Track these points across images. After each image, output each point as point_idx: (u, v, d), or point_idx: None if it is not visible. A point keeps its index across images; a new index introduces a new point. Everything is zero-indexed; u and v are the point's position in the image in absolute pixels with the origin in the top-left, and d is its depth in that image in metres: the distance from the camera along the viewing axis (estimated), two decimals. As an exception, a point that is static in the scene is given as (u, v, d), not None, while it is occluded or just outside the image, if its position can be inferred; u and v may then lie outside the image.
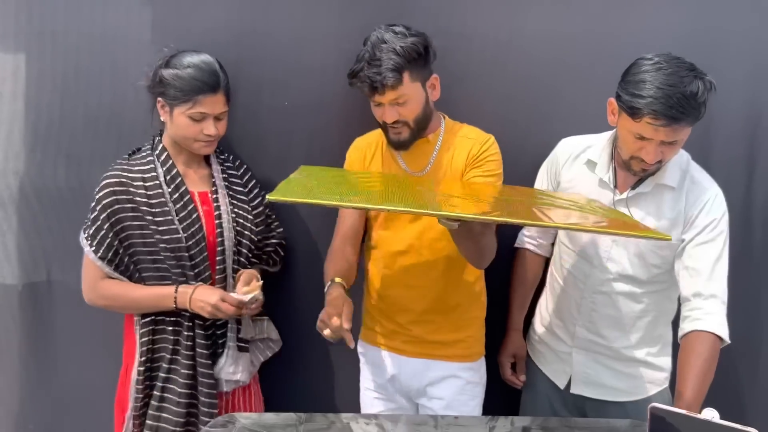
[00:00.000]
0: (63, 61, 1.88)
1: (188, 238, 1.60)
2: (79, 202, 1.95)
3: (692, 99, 1.36)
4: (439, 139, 1.66)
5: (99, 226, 1.59)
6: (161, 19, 1.85)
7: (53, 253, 1.99)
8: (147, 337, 1.64)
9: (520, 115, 1.87)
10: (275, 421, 1.45)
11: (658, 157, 1.45)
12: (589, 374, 1.65)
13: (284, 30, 1.85)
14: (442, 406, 1.66)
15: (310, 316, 1.92)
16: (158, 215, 1.59)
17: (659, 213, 1.54)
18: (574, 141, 1.71)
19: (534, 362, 1.78)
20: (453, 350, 1.68)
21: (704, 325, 1.43)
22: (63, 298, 2.00)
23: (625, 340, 1.62)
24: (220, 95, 1.59)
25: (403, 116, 1.56)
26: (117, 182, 1.60)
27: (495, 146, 1.65)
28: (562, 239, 1.70)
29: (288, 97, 1.87)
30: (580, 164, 1.66)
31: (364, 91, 1.54)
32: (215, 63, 1.61)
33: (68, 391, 2.04)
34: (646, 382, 1.64)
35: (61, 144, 1.93)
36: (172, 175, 1.63)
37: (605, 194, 1.60)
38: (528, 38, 1.83)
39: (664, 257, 1.55)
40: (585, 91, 1.83)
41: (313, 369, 2.01)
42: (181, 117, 1.59)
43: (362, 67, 1.52)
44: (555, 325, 1.71)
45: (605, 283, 1.60)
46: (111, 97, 1.89)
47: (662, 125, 1.38)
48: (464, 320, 1.69)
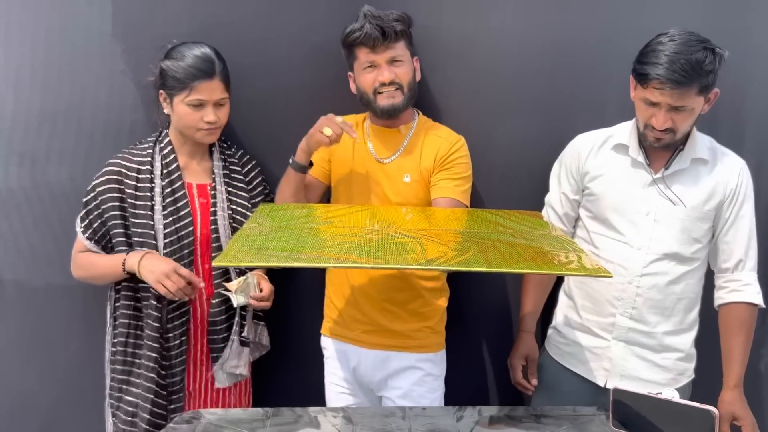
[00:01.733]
0: (18, 54, 1.82)
1: (170, 233, 1.62)
2: (33, 202, 1.89)
3: (697, 65, 1.44)
4: (410, 131, 1.69)
5: (89, 210, 1.64)
6: (122, 10, 1.81)
7: (5, 255, 1.92)
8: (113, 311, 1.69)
9: (485, 111, 1.89)
10: (241, 416, 1.42)
11: (667, 123, 1.51)
12: (627, 367, 1.66)
13: (249, 22, 1.83)
14: (400, 395, 1.66)
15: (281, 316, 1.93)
16: (139, 208, 1.62)
17: (698, 187, 1.61)
18: (591, 134, 1.72)
19: (561, 365, 1.75)
20: (411, 341, 1.68)
21: (746, 297, 1.61)
22: (14, 298, 1.93)
23: (667, 325, 1.63)
24: (217, 81, 1.61)
25: (398, 77, 1.60)
26: (114, 171, 1.64)
27: (464, 148, 1.67)
28: (592, 228, 1.69)
29: (254, 89, 1.85)
30: (606, 151, 1.67)
31: (370, 43, 1.57)
32: (212, 51, 1.63)
33: (23, 398, 1.97)
34: (678, 374, 1.67)
35: (14, 141, 1.87)
36: (170, 169, 1.66)
37: (640, 174, 1.63)
38: (492, 33, 1.86)
39: (704, 230, 1.62)
40: (550, 87, 1.86)
41: (282, 365, 1.98)
42: (181, 105, 1.61)
43: (364, 24, 1.56)
44: (588, 321, 1.69)
45: (650, 265, 1.61)
46: (68, 92, 1.84)
47: (668, 89, 1.46)
48: (424, 310, 1.69)
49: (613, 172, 1.65)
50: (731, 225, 1.61)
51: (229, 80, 1.67)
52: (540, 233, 1.45)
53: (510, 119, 1.89)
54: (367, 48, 1.59)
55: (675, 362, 1.66)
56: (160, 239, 1.62)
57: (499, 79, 1.87)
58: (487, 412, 1.48)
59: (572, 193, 1.72)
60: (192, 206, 1.66)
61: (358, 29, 1.57)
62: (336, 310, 1.74)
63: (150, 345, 1.62)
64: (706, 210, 1.60)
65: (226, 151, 1.76)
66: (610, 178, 1.65)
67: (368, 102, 1.65)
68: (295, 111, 1.86)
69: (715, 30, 1.74)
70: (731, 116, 1.88)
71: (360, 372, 1.72)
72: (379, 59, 1.59)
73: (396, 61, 1.60)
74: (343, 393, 1.75)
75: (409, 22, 1.63)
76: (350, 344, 1.72)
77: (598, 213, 1.67)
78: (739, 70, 1.84)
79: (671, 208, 1.60)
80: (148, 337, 1.62)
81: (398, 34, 1.59)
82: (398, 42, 1.60)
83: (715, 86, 1.52)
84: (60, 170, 1.87)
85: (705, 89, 1.48)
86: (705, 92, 1.49)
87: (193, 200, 1.68)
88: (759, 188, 1.89)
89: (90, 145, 1.86)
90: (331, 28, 1.74)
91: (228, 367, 1.69)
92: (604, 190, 1.65)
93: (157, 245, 1.62)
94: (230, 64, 1.67)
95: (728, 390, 1.61)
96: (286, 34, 1.84)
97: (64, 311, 1.93)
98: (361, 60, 1.61)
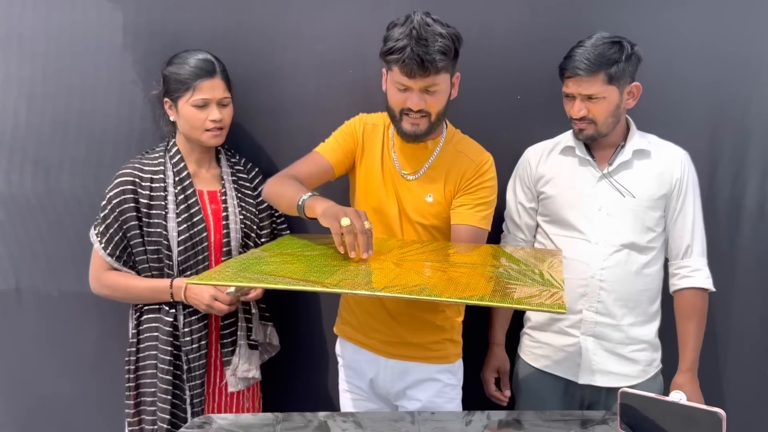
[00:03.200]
0: (30, 64, 1.85)
1: (184, 240, 1.64)
2: (47, 208, 1.93)
3: (600, 55, 1.57)
4: (438, 147, 1.63)
5: (109, 224, 1.64)
6: (133, 21, 1.84)
7: (21, 261, 1.95)
8: (136, 322, 1.69)
9: (488, 113, 1.90)
10: (252, 421, 1.43)
11: (582, 112, 1.62)
12: (597, 361, 1.69)
13: (257, 31, 1.86)
14: (419, 408, 1.65)
15: (294, 318, 1.96)
16: (153, 217, 1.64)
17: (644, 177, 1.68)
18: (540, 144, 1.81)
19: (538, 369, 1.77)
20: (431, 352, 1.67)
21: (695, 282, 1.69)
22: (32, 305, 1.96)
23: (631, 317, 1.68)
24: (218, 79, 1.64)
25: (429, 106, 1.50)
26: (128, 181, 1.64)
27: (491, 170, 1.62)
28: (551, 231, 1.74)
29: (261, 98, 1.88)
30: (555, 155, 1.76)
31: (409, 70, 1.43)
32: (211, 55, 1.67)
33: (40, 399, 2.01)
34: (646, 365, 1.72)
35: (28, 150, 1.90)
36: (181, 176, 1.68)
37: (588, 171, 1.71)
38: (495, 34, 1.87)
39: (656, 218, 1.68)
40: (553, 90, 1.87)
41: (303, 371, 2.00)
42: (186, 107, 1.63)
43: (409, 44, 1.41)
44: (559, 321, 1.74)
45: (609, 257, 1.67)
46: (80, 101, 1.87)
47: (575, 78, 1.60)
48: (444, 324, 1.68)
49: (564, 173, 1.73)
50: (678, 213, 1.69)
51: (230, 82, 1.69)
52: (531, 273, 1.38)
53: (514, 122, 1.90)
54: (403, 71, 1.46)
55: (643, 354, 1.71)
56: (174, 247, 1.64)
57: (503, 81, 1.88)
58: (496, 417, 1.48)
59: (528, 201, 1.79)
60: (204, 213, 1.69)
61: (398, 50, 1.43)
62: (354, 316, 1.72)
63: (166, 350, 1.64)
64: (655, 199, 1.67)
65: (231, 159, 1.79)
66: (561, 180, 1.73)
67: (393, 117, 1.56)
68: (301, 119, 1.89)
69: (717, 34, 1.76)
70: (736, 123, 1.90)
71: (378, 383, 1.70)
72: (413, 85, 1.47)
73: (430, 91, 1.49)
74: (359, 399, 1.74)
75: (457, 43, 1.48)
76: (368, 351, 1.70)
77: (554, 214, 1.73)
78: (742, 76, 1.87)
79: (621, 200, 1.67)
80: (164, 342, 1.64)
81: (439, 69, 1.45)
82: (438, 74, 1.46)
83: (631, 79, 1.62)
84: (73, 178, 1.91)
85: (613, 78, 1.58)
86: (614, 82, 1.59)
87: (205, 207, 1.70)
88: (766, 193, 1.91)
89: (101, 153, 1.89)
90: (336, 38, 1.76)
91: (240, 372, 1.71)
92: (557, 192, 1.72)
93: (171, 254, 1.64)
94: (238, 72, 1.70)
95: (681, 373, 1.70)
96: (293, 43, 1.86)
97: (78, 316, 1.96)
98: (395, 76, 1.49)
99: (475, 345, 1.86)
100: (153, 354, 1.66)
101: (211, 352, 1.72)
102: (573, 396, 1.74)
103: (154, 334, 1.66)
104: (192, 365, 1.66)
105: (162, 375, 1.64)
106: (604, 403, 1.72)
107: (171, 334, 1.65)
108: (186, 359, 1.65)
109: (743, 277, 1.97)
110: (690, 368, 1.69)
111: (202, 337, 1.67)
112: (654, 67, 1.78)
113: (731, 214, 1.94)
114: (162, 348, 1.65)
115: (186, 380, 1.66)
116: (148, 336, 1.67)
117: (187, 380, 1.66)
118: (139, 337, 1.68)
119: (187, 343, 1.65)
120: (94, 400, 1.99)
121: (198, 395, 1.67)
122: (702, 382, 1.72)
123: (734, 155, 1.92)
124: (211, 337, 1.71)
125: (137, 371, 1.68)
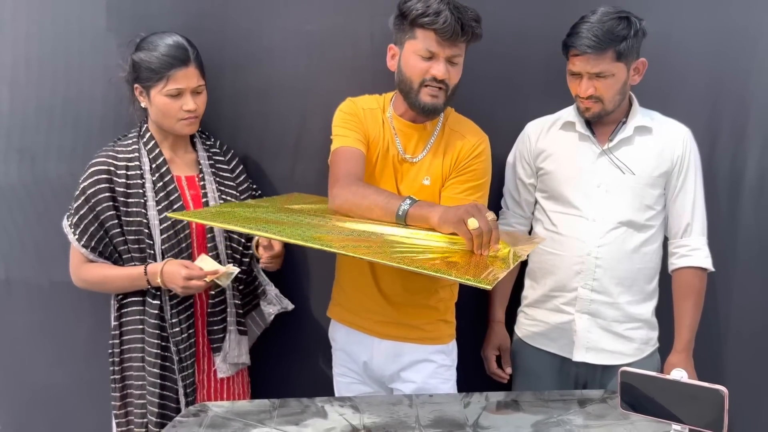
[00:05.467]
0: (11, 50, 1.81)
1: (167, 228, 1.60)
2: (35, 197, 1.89)
3: (608, 31, 1.52)
4: (437, 129, 1.61)
5: (83, 215, 1.59)
6: (117, 4, 1.79)
7: (10, 252, 1.92)
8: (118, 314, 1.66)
9: (490, 101, 1.86)
10: (249, 408, 1.42)
11: (590, 90, 1.58)
12: (591, 339, 1.68)
13: (243, 13, 1.81)
14: (414, 389, 1.64)
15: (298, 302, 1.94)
16: (131, 206, 1.60)
17: (644, 154, 1.65)
18: (540, 119, 1.78)
19: (533, 346, 1.77)
20: (425, 333, 1.66)
21: (694, 261, 1.66)
22: (23, 296, 1.93)
23: (628, 295, 1.67)
24: (192, 68, 1.59)
25: (450, 77, 1.49)
26: (103, 170, 1.59)
27: (485, 151, 1.59)
28: (549, 207, 1.72)
29: (248, 80, 1.84)
30: (555, 131, 1.73)
31: (446, 33, 1.42)
32: (183, 39, 1.60)
33: (32, 390, 1.98)
34: (642, 343, 1.70)
35: (12, 138, 1.86)
36: (158, 163, 1.63)
37: (588, 147, 1.68)
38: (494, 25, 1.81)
39: (655, 196, 1.66)
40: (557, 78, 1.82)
41: (294, 358, 1.98)
42: (159, 97, 1.58)
43: (442, 10, 1.41)
44: (552, 298, 1.72)
45: (606, 235, 1.64)
46: (65, 87, 1.83)
47: (584, 56, 1.55)
48: (438, 305, 1.67)
49: (563, 148, 1.70)
50: (679, 191, 1.67)
51: (204, 67, 1.64)
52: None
53: (511, 98, 1.87)
54: (436, 36, 1.44)
55: (638, 332, 1.70)
56: (156, 235, 1.60)
57: (500, 57, 1.85)
58: (494, 398, 1.47)
59: (527, 177, 1.77)
60: (184, 199, 1.65)
61: (433, 13, 1.42)
62: (347, 297, 1.71)
63: (153, 342, 1.61)
64: (655, 176, 1.65)
65: (207, 141, 1.75)
66: (560, 155, 1.70)
67: (408, 90, 1.51)
68: (291, 101, 1.85)
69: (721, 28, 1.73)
70: (735, 96, 1.88)
71: (371, 366, 1.69)
72: (442, 53, 1.46)
73: (453, 62, 1.49)
74: (353, 383, 1.73)
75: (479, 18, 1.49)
76: (361, 333, 1.68)
77: (552, 190, 1.71)
78: (742, 47, 1.84)
79: (621, 177, 1.65)
80: (150, 335, 1.61)
81: (474, 36, 1.47)
82: (469, 43, 1.49)
83: (637, 55, 1.59)
84: (59, 165, 1.86)
85: (622, 55, 1.55)
86: (623, 59, 1.55)
87: (184, 193, 1.66)
88: (765, 167, 1.89)
89: (88, 140, 1.85)
90: (325, 17, 1.71)
91: (231, 358, 1.69)
92: (556, 167, 1.70)
93: (153, 242, 1.60)
94: (225, 54, 1.66)
95: (675, 353, 1.68)
96: (280, 24, 1.82)
97: (69, 306, 1.93)
98: (420, 44, 1.47)
99: (470, 325, 1.84)
100: (139, 347, 1.62)
101: (199, 338, 1.69)
102: (568, 374, 1.73)
103: (140, 327, 1.63)
104: (183, 355, 1.63)
105: (150, 368, 1.61)
106: (599, 381, 1.71)
107: (158, 325, 1.61)
108: (176, 349, 1.62)
109: (743, 254, 1.95)
110: (685, 348, 1.68)
111: (190, 326, 1.64)
112: (652, 41, 1.75)
113: (731, 189, 1.92)
114: (149, 340, 1.61)
115: (178, 371, 1.63)
116: (132, 328, 1.63)
117: (178, 370, 1.63)
118: (122, 329, 1.65)
119: (177, 333, 1.62)
120: (87, 390, 1.97)
121: (190, 384, 1.64)
122: (702, 361, 1.71)
123: (734, 129, 1.89)
124: (198, 324, 1.68)
125: (122, 363, 1.65)
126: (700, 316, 1.69)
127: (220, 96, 1.82)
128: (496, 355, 1.84)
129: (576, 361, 1.70)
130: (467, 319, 1.80)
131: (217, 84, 1.80)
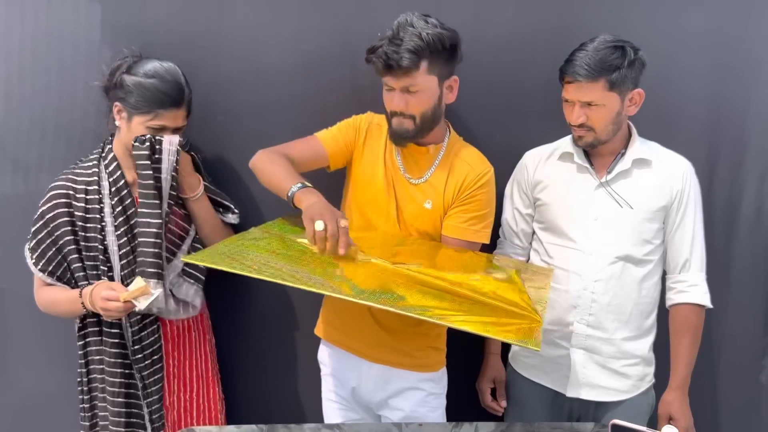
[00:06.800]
0: (5, 61, 1.79)
1: (126, 254, 1.56)
2: (27, 209, 1.87)
3: (601, 60, 1.49)
4: (440, 153, 1.60)
5: (41, 239, 1.57)
6: (111, 17, 1.77)
7: (4, 262, 1.91)
8: (81, 343, 1.63)
9: (484, 116, 1.84)
10: (236, 434, 1.41)
11: (581, 119, 1.55)
12: (586, 375, 1.66)
13: (239, 29, 1.79)
14: (402, 417, 1.63)
15: (272, 321, 1.93)
16: (90, 231, 1.56)
17: (643, 188, 1.61)
18: (538, 149, 1.75)
19: (527, 378, 1.75)
20: (414, 359, 1.64)
21: (691, 298, 1.62)
22: (15, 307, 1.93)
23: (624, 331, 1.63)
24: (183, 110, 1.56)
25: (410, 108, 1.49)
26: (61, 194, 1.57)
27: (490, 182, 1.59)
28: (546, 239, 1.70)
29: (244, 97, 1.81)
30: (553, 161, 1.70)
31: (378, 68, 1.47)
32: (180, 74, 1.56)
33: (24, 400, 1.99)
34: (638, 380, 1.67)
35: (6, 149, 1.85)
36: (117, 187, 1.59)
37: (586, 179, 1.65)
38: (492, 35, 1.81)
39: (654, 231, 1.62)
40: (551, 92, 1.80)
41: (278, 378, 1.97)
42: (140, 127, 1.54)
43: (382, 44, 1.45)
44: (550, 332, 1.69)
45: (603, 269, 1.61)
46: (58, 99, 1.82)
47: (575, 84, 1.52)
48: (429, 331, 1.65)
49: (561, 179, 1.67)
50: (678, 226, 1.63)
51: (191, 107, 1.60)
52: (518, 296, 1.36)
53: (509, 125, 1.84)
54: (375, 69, 1.49)
55: (635, 368, 1.66)
56: (115, 261, 1.56)
57: (499, 83, 1.82)
58: (484, 429, 1.46)
59: (525, 208, 1.74)
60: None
61: (372, 48, 1.47)
62: (338, 316, 1.70)
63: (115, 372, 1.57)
64: (653, 210, 1.61)
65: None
66: (558, 186, 1.67)
67: (387, 120, 1.57)
68: (287, 119, 1.82)
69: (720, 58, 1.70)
70: (734, 126, 1.85)
71: (360, 392, 1.68)
72: (394, 84, 1.48)
73: (410, 91, 1.48)
74: (341, 409, 1.72)
75: (440, 44, 1.45)
76: (351, 355, 1.67)
77: (549, 222, 1.68)
78: (741, 78, 1.81)
79: (618, 210, 1.61)
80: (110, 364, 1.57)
81: (408, 68, 1.44)
82: (412, 72, 1.45)
83: (634, 85, 1.55)
84: (53, 177, 1.82)
85: (614, 85, 1.51)
86: (615, 88, 1.52)
87: None
88: (763, 198, 1.86)
89: (81, 152, 1.81)
90: (323, 36, 1.69)
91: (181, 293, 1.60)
92: (553, 198, 1.67)
93: (111, 267, 1.56)
94: (220, 71, 1.63)
95: (670, 391, 1.65)
96: (277, 42, 1.79)
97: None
98: (382, 78, 1.51)
99: (463, 352, 1.83)
100: (100, 377, 1.59)
101: (169, 361, 1.65)
102: (561, 407, 1.71)
103: (98, 357, 1.59)
104: (147, 381, 1.59)
105: (113, 398, 1.57)
106: (593, 415, 1.69)
107: (119, 354, 1.57)
108: (140, 376, 1.58)
109: (738, 283, 1.92)
110: (680, 386, 1.64)
111: (155, 351, 1.60)
112: (651, 70, 1.72)
113: (728, 219, 1.90)
114: (110, 370, 1.57)
115: (142, 396, 1.59)
116: (93, 358, 1.60)
117: (143, 396, 1.59)
118: (86, 358, 1.62)
119: (139, 360, 1.57)
120: (77, 399, 1.96)
121: (157, 410, 1.61)
122: (695, 388, 1.69)
123: (731, 160, 1.86)
124: (167, 347, 1.65)
125: (90, 392, 1.62)
126: (696, 353, 1.65)
127: (213, 113, 1.80)
128: (491, 388, 1.82)
129: (570, 396, 1.68)
130: (460, 345, 1.78)
131: (210, 100, 1.78)
